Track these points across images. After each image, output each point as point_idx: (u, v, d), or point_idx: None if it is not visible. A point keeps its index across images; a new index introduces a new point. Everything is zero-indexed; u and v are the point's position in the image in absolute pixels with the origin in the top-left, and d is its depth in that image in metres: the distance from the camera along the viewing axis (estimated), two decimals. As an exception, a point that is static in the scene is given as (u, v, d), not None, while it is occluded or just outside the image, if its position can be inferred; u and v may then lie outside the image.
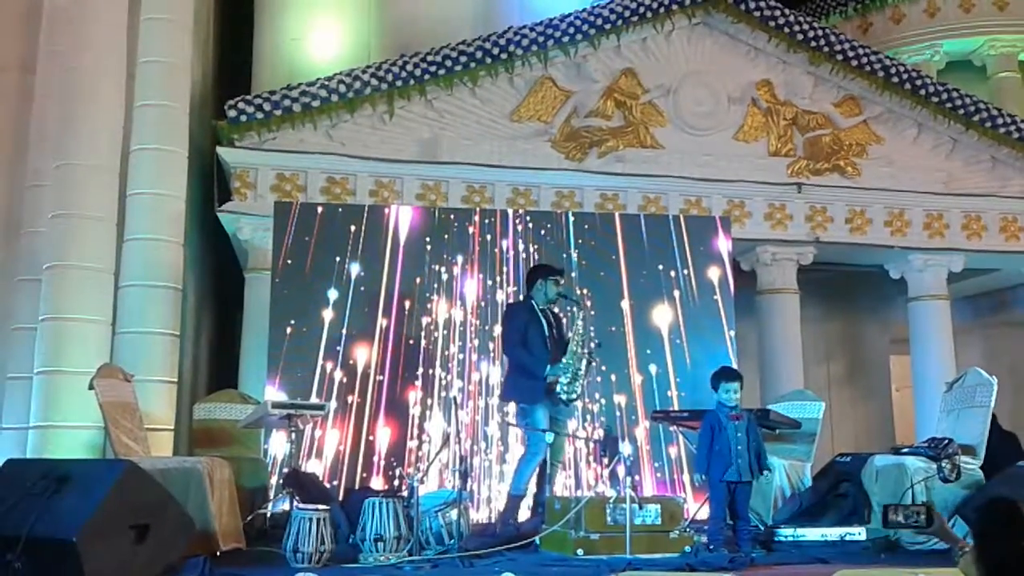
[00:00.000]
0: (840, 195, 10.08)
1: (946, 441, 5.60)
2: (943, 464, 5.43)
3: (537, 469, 5.95)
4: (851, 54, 10.13)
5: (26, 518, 3.89)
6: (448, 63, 9.24)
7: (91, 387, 5.44)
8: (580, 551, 4.80)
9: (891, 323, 12.18)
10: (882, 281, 11.02)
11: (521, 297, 6.35)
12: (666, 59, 9.95)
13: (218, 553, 4.67)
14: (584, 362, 5.88)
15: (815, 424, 6.84)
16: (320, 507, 4.69)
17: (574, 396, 5.90)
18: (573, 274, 7.85)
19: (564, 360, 5.85)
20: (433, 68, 9.21)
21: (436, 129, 9.34)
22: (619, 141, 9.66)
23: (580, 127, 9.64)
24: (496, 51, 9.37)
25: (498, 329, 7.12)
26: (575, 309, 6.09)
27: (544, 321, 6.05)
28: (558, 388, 5.86)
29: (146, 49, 7.79)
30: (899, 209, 10.20)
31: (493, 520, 6.61)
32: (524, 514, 5.98)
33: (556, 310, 6.26)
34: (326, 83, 8.98)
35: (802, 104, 10.16)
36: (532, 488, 6.00)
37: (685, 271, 8.00)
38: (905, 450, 5.90)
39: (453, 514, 4.98)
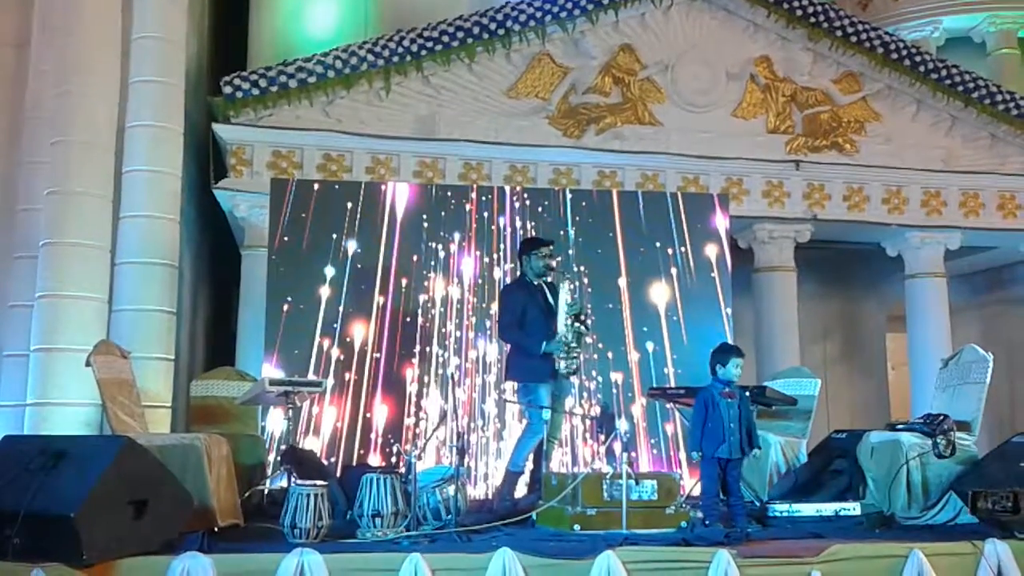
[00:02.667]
0: (838, 172, 10.07)
1: (941, 417, 5.62)
2: (938, 440, 5.45)
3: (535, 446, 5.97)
4: (850, 30, 10.08)
5: (24, 494, 3.91)
6: (445, 39, 9.19)
7: (88, 364, 5.43)
8: (577, 526, 4.82)
9: (888, 301, 12.21)
10: (879, 259, 11.02)
11: (519, 274, 6.32)
12: (664, 35, 9.90)
13: (216, 529, 4.69)
14: (574, 334, 5.84)
15: (811, 401, 6.86)
16: (318, 483, 4.70)
17: (572, 369, 5.88)
18: (570, 251, 7.85)
19: (558, 335, 5.84)
20: (430, 44, 9.16)
21: (433, 105, 9.31)
22: (617, 118, 9.62)
23: (578, 104, 9.61)
24: (493, 26, 9.31)
25: (495, 307, 7.11)
26: (565, 281, 6.01)
27: (541, 296, 6.03)
28: (555, 364, 5.86)
29: (140, 25, 7.71)
30: (897, 186, 10.19)
31: (490, 496, 6.64)
32: (521, 490, 6.01)
33: (551, 281, 6.20)
34: (322, 59, 8.92)
35: (801, 81, 10.13)
36: (530, 465, 6.02)
37: (682, 248, 7.99)
38: (900, 426, 5.92)
39: (450, 490, 5.00)
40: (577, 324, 5.87)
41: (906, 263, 10.57)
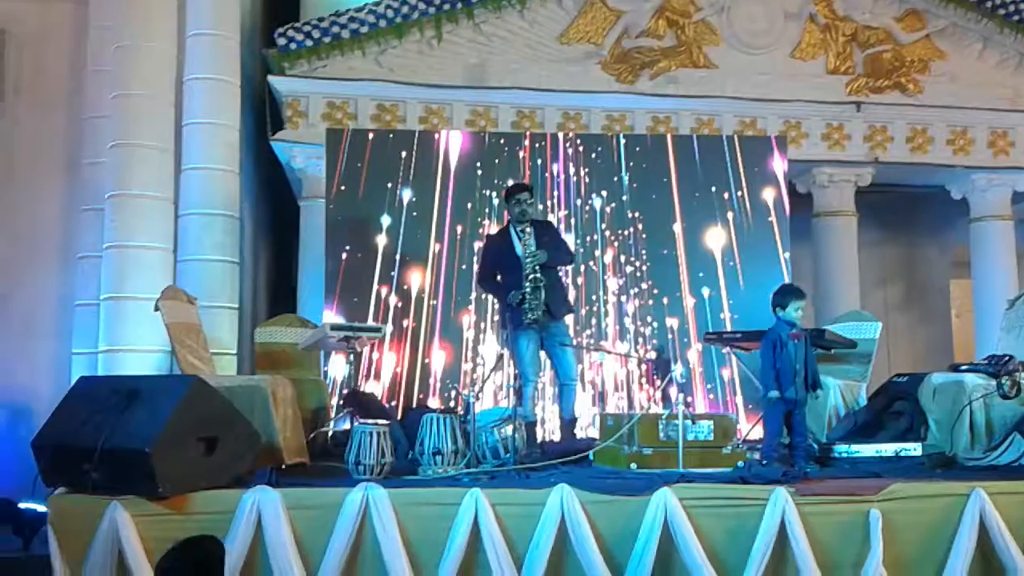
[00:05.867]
0: (901, 113, 9.80)
1: (1007, 358, 5.52)
2: (1003, 381, 5.36)
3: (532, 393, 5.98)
4: (914, -36, 9.74)
5: (100, 431, 4.07)
6: (496, -15, 9.10)
7: (156, 308, 5.59)
8: (633, 465, 4.87)
9: (952, 245, 11.92)
10: (943, 202, 10.75)
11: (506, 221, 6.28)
12: (720, -26, 9.67)
13: (283, 466, 4.83)
14: (532, 285, 5.75)
15: (871, 344, 6.78)
16: (380, 422, 4.81)
17: (531, 317, 5.76)
18: (624, 197, 7.83)
19: (522, 287, 5.78)
20: (481, -10, 9.08)
21: (484, 54, 9.25)
22: (671, 62, 9.46)
23: (631, 48, 9.46)
24: (545, -29, 9.20)
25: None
26: (529, 229, 5.90)
27: (520, 243, 5.91)
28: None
29: (195, -22, 7.80)
30: (962, 127, 9.89)
31: (547, 440, 6.72)
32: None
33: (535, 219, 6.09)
34: (374, 8, 8.92)
35: (862, 19, 9.82)
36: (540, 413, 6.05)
37: (739, 193, 7.91)
38: (964, 367, 5.83)
39: (509, 429, 5.08)
40: (534, 275, 5.77)
41: (971, 206, 10.29)
